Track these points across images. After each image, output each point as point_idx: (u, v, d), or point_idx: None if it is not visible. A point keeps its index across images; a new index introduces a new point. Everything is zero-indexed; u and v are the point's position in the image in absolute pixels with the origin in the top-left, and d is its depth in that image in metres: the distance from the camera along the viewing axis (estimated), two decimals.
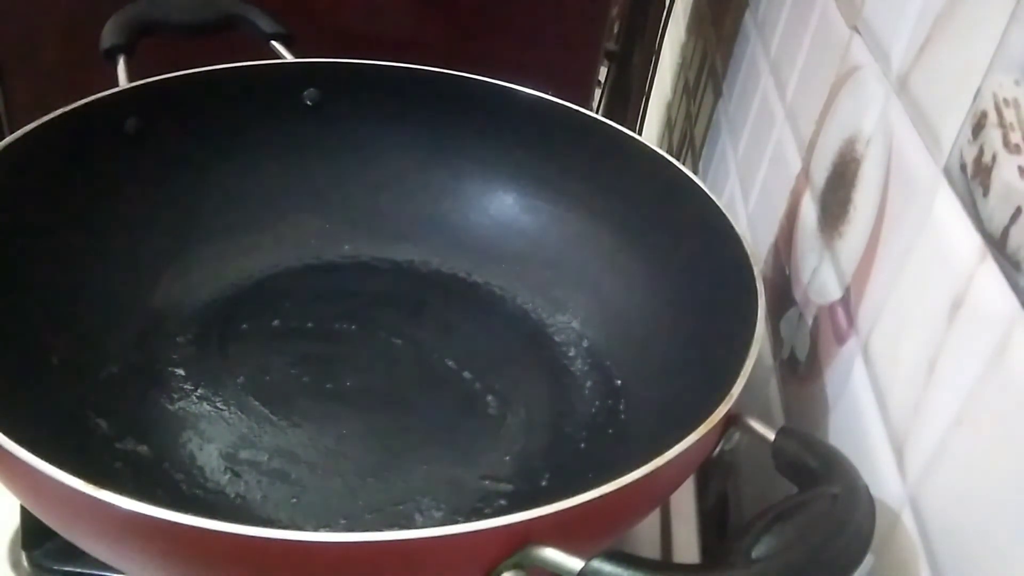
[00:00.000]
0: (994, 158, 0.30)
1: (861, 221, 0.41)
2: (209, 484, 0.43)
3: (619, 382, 0.51)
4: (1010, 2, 0.30)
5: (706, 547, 0.49)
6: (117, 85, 0.52)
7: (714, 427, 0.34)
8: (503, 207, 0.57)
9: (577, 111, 0.55)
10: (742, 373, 0.36)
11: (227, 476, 0.44)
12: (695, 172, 0.61)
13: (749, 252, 0.44)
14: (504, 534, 0.29)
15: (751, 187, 0.62)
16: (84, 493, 0.28)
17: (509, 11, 0.74)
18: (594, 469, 0.45)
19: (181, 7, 0.59)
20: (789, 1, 0.60)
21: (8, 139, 0.43)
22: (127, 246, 0.50)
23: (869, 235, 0.39)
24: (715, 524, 0.55)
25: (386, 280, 0.57)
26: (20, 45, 0.70)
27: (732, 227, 0.45)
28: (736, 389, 0.36)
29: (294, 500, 0.43)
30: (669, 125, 1.08)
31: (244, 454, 0.45)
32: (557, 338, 0.54)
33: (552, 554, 0.29)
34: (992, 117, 0.30)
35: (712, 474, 0.57)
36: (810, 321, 0.45)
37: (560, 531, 0.29)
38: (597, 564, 0.28)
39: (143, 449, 0.44)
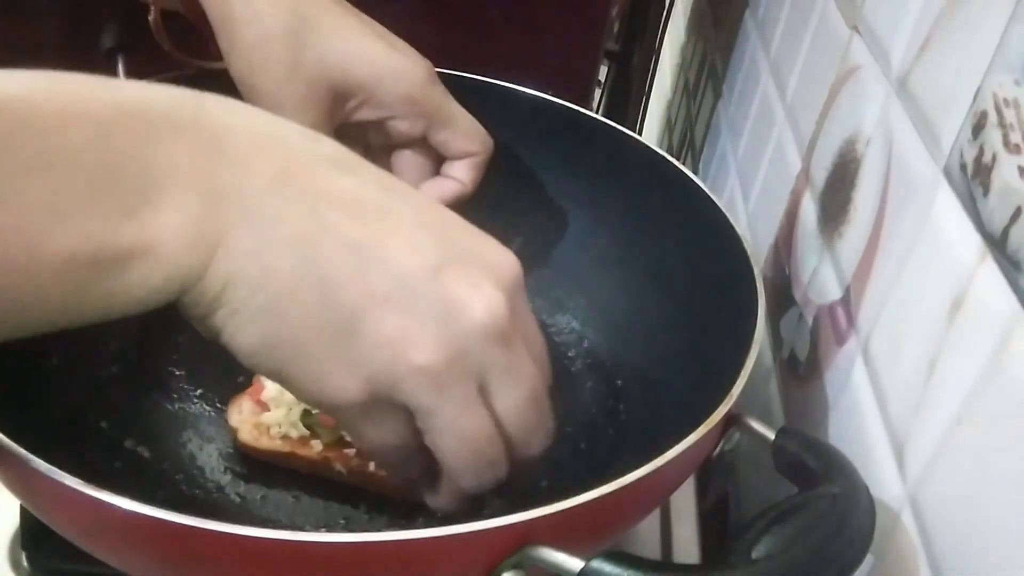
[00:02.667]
0: (994, 158, 0.30)
1: (861, 221, 0.41)
2: (209, 484, 0.43)
3: (619, 382, 0.51)
4: (1010, 2, 0.30)
5: (706, 547, 0.49)
6: None
7: (714, 427, 0.34)
8: (503, 207, 0.57)
9: (577, 111, 0.55)
10: (742, 373, 0.36)
11: (227, 476, 0.44)
12: (695, 172, 0.61)
13: (749, 252, 0.44)
14: (504, 534, 0.29)
15: (751, 187, 0.62)
16: (84, 493, 0.28)
17: (509, 11, 0.74)
18: (594, 469, 0.45)
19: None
20: (789, 1, 0.60)
21: None
22: None
23: (869, 235, 0.39)
24: (715, 524, 0.55)
25: None
26: (20, 45, 0.70)
27: (732, 227, 0.45)
28: (736, 389, 0.36)
29: (294, 500, 0.43)
30: (669, 125, 1.08)
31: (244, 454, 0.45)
32: (557, 338, 0.54)
33: (552, 554, 0.29)
34: (992, 117, 0.30)
35: (712, 474, 0.57)
36: (810, 321, 0.45)
37: (560, 531, 0.29)
38: (597, 564, 0.28)
39: (143, 449, 0.44)
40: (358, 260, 0.28)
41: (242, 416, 0.44)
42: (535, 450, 0.33)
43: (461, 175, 0.49)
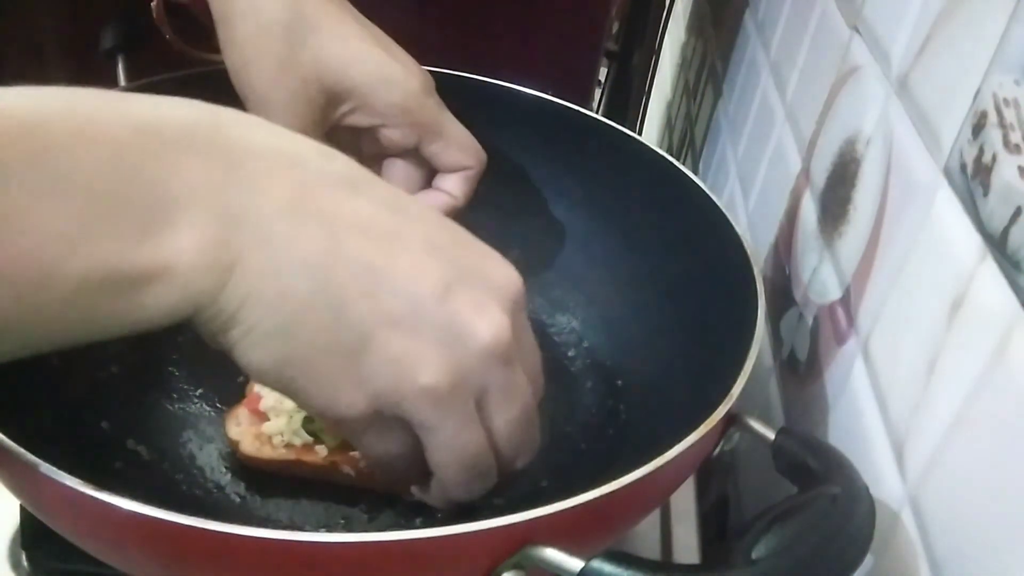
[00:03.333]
0: (994, 158, 0.30)
1: (861, 221, 0.41)
2: (209, 484, 0.43)
3: (619, 382, 0.51)
4: (1010, 2, 0.30)
5: (706, 547, 0.49)
6: (117, 85, 0.52)
7: (714, 427, 0.34)
8: (502, 207, 0.57)
9: (577, 111, 0.55)
10: (742, 373, 0.36)
11: (227, 476, 0.44)
12: (695, 172, 0.61)
13: (749, 252, 0.44)
14: (504, 534, 0.29)
15: (751, 187, 0.62)
16: (84, 493, 0.28)
17: (509, 11, 0.74)
18: (594, 469, 0.45)
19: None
20: (789, 1, 0.60)
21: None
22: None
23: (869, 235, 0.39)
24: (715, 524, 0.55)
25: None
26: (20, 45, 0.70)
27: (732, 227, 0.45)
28: (736, 389, 0.36)
29: (294, 500, 0.43)
30: (669, 125, 1.08)
31: None
32: (557, 338, 0.54)
33: (552, 554, 0.29)
34: (992, 117, 0.30)
35: (712, 474, 0.57)
36: (810, 321, 0.45)
37: (560, 531, 0.29)
38: (597, 564, 0.28)
39: (143, 449, 0.44)
40: (369, 283, 0.29)
41: (241, 428, 0.44)
42: (521, 464, 0.35)
43: (453, 188, 0.49)
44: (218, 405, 0.47)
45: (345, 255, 0.29)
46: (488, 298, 0.31)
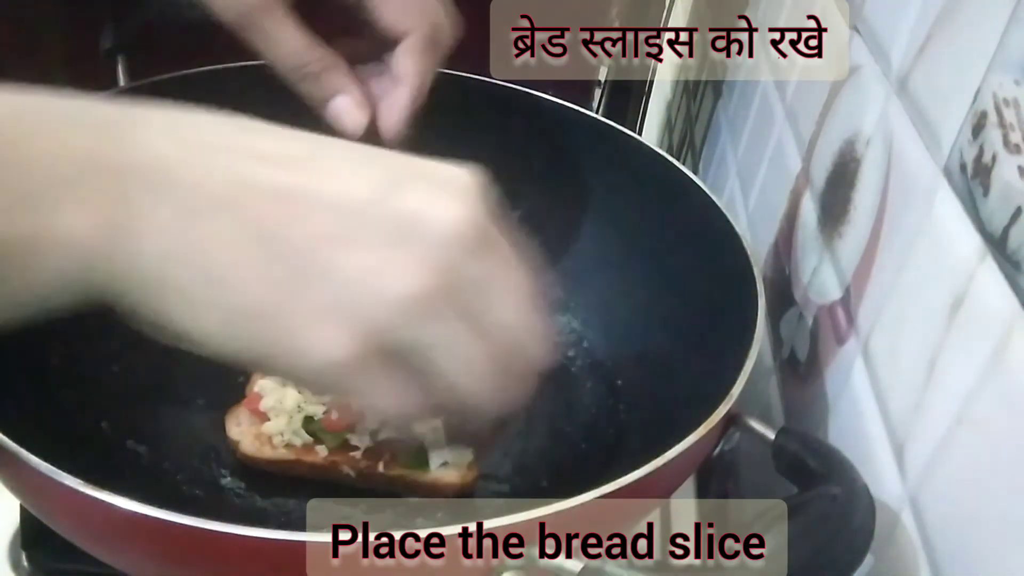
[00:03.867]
0: (994, 158, 0.30)
1: (861, 221, 0.41)
2: (209, 484, 0.43)
3: (619, 382, 0.51)
4: (1010, 2, 0.30)
5: None
6: (117, 84, 0.52)
7: (714, 427, 0.34)
8: (501, 208, 0.57)
9: (577, 111, 0.55)
10: (742, 373, 0.36)
11: (227, 476, 0.44)
12: (695, 172, 0.61)
13: (749, 252, 0.44)
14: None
15: (751, 187, 0.62)
16: (84, 493, 0.28)
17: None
18: (594, 469, 0.45)
19: (182, 4, 0.58)
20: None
21: None
22: None
23: (869, 235, 0.39)
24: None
25: None
26: (20, 45, 0.70)
27: (732, 227, 0.46)
28: (736, 389, 0.36)
29: (294, 500, 0.43)
30: (669, 125, 1.08)
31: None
32: (557, 338, 0.54)
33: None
34: (992, 117, 0.30)
35: (712, 474, 0.57)
36: (810, 321, 0.45)
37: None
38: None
39: (143, 449, 0.44)
40: (293, 206, 0.26)
41: (241, 428, 0.44)
42: (543, 361, 0.31)
43: (402, 67, 0.44)
44: (219, 405, 0.47)
45: (259, 185, 0.26)
46: (437, 192, 0.27)
